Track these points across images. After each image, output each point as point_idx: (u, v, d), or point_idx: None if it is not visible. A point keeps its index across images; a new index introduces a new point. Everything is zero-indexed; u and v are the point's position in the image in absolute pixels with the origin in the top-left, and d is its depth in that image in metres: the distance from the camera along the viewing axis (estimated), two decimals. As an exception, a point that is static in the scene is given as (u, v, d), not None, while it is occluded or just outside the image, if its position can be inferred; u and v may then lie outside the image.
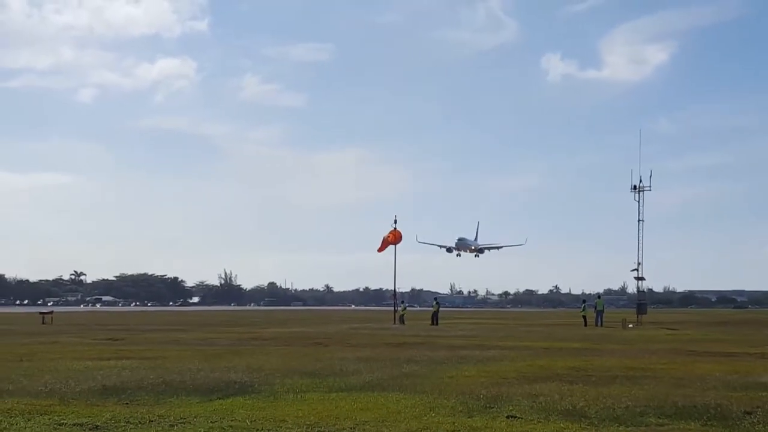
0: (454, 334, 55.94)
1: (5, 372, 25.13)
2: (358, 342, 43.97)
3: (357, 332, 57.71)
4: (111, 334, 51.97)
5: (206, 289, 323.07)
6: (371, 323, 78.25)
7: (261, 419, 16.07)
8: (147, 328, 61.98)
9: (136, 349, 36.20)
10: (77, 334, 51.99)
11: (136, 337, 48.46)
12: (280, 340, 45.22)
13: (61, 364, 28.14)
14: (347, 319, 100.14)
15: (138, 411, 17.08)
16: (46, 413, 16.74)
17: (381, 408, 17.73)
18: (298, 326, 70.32)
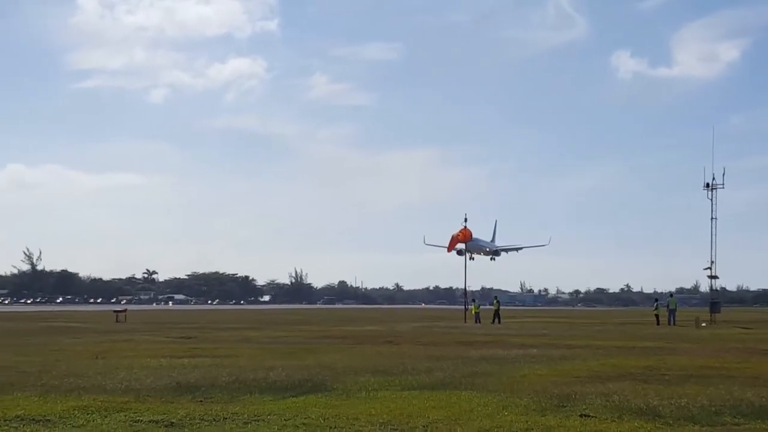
0: (524, 332, 55.68)
1: (81, 369, 25.43)
2: (429, 340, 43.96)
3: (428, 331, 57.68)
4: (184, 332, 52.40)
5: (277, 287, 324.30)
6: (442, 322, 78.19)
7: (334, 417, 16.12)
8: (219, 327, 62.37)
9: (209, 347, 36.48)
10: (150, 332, 52.46)
11: (209, 335, 48.80)
12: (351, 339, 45.29)
13: (135, 361, 28.43)
14: (418, 317, 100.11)
15: (212, 408, 17.21)
16: (122, 410, 16.93)
17: (453, 406, 17.72)
18: (368, 324, 70.34)
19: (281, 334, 51.01)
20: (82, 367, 26.40)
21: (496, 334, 51.72)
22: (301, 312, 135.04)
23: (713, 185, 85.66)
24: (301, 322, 76.86)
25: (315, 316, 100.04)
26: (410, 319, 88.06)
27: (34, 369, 25.41)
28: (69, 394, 19.11)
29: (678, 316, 75.07)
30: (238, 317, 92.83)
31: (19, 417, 15.90)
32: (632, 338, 48.21)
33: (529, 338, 47.07)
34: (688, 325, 69.70)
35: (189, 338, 44.61)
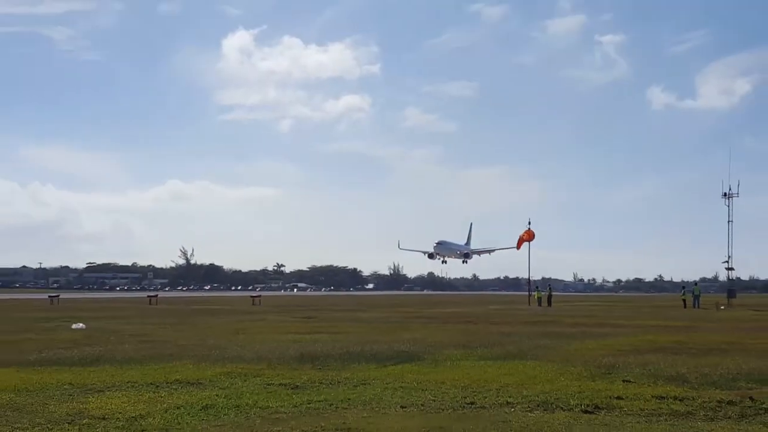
0: (576, 314, 55.10)
1: (225, 343, 25.75)
2: (500, 320, 43.72)
3: (499, 312, 57.38)
4: (305, 313, 52.75)
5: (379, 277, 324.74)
6: (510, 305, 77.69)
7: (425, 381, 16.12)
8: (333, 309, 62.69)
9: (326, 325, 36.68)
10: (279, 313, 52.90)
11: (325, 315, 49.06)
12: (439, 319, 45.23)
13: (268, 336, 28.69)
14: (491, 301, 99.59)
15: (328, 374, 17.31)
16: (257, 375, 17.10)
17: (520, 373, 17.61)
18: (451, 307, 70.20)
19: (382, 314, 51.10)
20: (226, 341, 26.72)
21: (553, 315, 51.29)
22: (398, 297, 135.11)
23: (730, 194, 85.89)
24: (398, 305, 76.90)
25: (409, 301, 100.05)
26: (485, 303, 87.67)
27: (189, 343, 25.78)
28: (216, 363, 19.35)
29: (701, 301, 73.87)
30: (347, 301, 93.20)
31: (178, 380, 16.15)
32: (664, 319, 47.46)
33: (580, 318, 46.61)
34: (709, 308, 68.41)
35: (310, 318, 44.88)
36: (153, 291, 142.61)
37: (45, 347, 23.95)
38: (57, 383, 15.66)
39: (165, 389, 15.03)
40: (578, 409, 13.08)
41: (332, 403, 13.54)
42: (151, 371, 17.68)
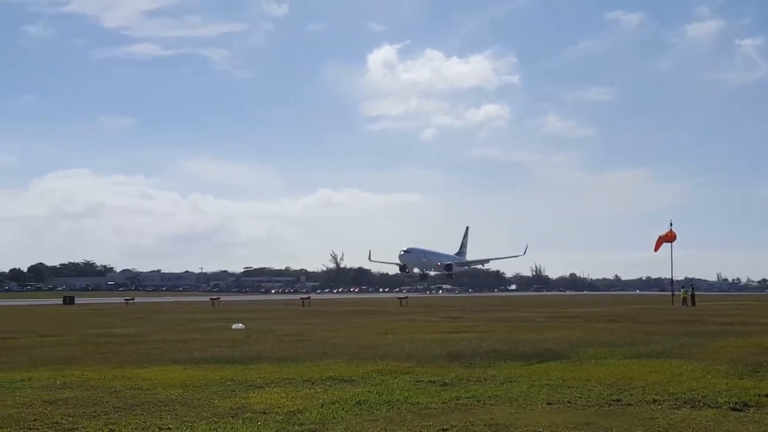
0: (721, 313, 53.30)
1: (376, 342, 26.01)
2: (643, 319, 42.73)
3: (642, 312, 56.05)
4: (450, 313, 52.76)
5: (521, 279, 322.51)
6: (653, 305, 75.78)
7: (570, 379, 15.90)
8: (477, 309, 62.50)
9: (471, 325, 36.62)
10: (425, 313, 53.10)
11: (470, 315, 48.96)
12: (580, 318, 44.55)
13: (415, 336, 28.83)
14: (633, 301, 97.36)
15: (475, 372, 17.27)
16: (407, 373, 17.20)
17: (666, 371, 17.17)
18: (593, 307, 68.98)
19: (526, 314, 50.67)
20: (376, 340, 26.98)
21: (697, 314, 49.73)
22: (540, 298, 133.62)
23: None
24: (540, 305, 76.10)
25: (551, 301, 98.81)
26: (627, 303, 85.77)
27: (341, 342, 26.15)
28: (368, 361, 19.56)
29: None
30: (491, 302, 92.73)
31: (332, 377, 16.40)
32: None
33: (725, 317, 45.07)
34: None
35: (455, 318, 44.88)
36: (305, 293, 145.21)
37: (209, 346, 24.74)
38: (220, 379, 16.14)
39: (320, 386, 15.29)
40: (726, 406, 12.66)
41: (480, 399, 13.51)
42: (307, 369, 18.01)
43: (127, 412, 12.35)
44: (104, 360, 20.61)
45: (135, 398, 13.76)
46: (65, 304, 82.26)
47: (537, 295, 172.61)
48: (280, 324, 38.87)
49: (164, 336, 29.97)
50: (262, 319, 43.92)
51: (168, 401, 13.40)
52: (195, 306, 74.46)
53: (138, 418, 11.91)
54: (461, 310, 61.57)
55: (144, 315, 51.76)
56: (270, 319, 45.14)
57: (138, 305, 74.27)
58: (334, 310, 61.81)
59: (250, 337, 28.57)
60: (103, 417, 12.00)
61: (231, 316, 45.04)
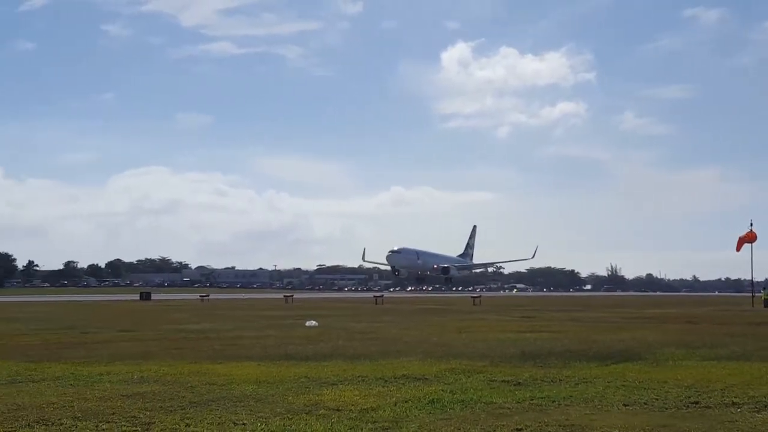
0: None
1: (449, 341, 26.00)
2: (722, 321, 41.95)
3: (721, 313, 54.99)
4: (524, 312, 52.46)
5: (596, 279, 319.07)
6: (732, 306, 74.29)
7: (647, 380, 15.69)
8: (551, 309, 62.01)
9: (545, 324, 36.36)
10: (499, 312, 52.89)
11: (544, 315, 48.61)
12: (657, 319, 43.88)
13: (489, 335, 28.73)
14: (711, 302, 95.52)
15: (550, 372, 17.16)
16: (480, 372, 17.17)
17: (746, 374, 16.86)
18: (671, 308, 67.87)
19: (601, 314, 50.12)
20: (450, 338, 26.97)
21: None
22: (616, 298, 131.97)
23: None
24: (616, 305, 75.13)
25: (627, 301, 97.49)
26: (705, 304, 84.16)
27: (414, 340, 26.20)
28: (441, 359, 19.56)
29: None
30: (565, 302, 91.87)
31: (405, 376, 16.45)
32: None
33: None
34: None
35: (529, 317, 44.60)
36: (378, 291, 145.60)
37: (282, 343, 25.00)
38: (294, 376, 16.30)
39: (393, 384, 15.34)
40: (810, 411, 12.38)
41: (554, 399, 13.42)
42: (380, 366, 18.08)
43: (203, 408, 12.55)
44: (180, 356, 20.96)
45: (210, 394, 13.98)
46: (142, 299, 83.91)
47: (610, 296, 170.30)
48: (353, 322, 39.08)
49: (239, 332, 30.36)
50: (335, 317, 44.20)
51: (243, 397, 13.59)
52: (269, 303, 75.26)
53: (213, 413, 12.10)
54: (535, 309, 61.16)
55: (219, 311, 52.49)
56: (343, 316, 45.40)
57: (213, 302, 75.31)
58: (407, 309, 61.90)
59: (323, 335, 28.77)
60: (179, 412, 12.22)
61: (304, 314, 45.40)
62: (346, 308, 61.81)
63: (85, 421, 11.48)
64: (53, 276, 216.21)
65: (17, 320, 39.16)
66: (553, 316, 47.78)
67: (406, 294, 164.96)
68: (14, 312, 49.41)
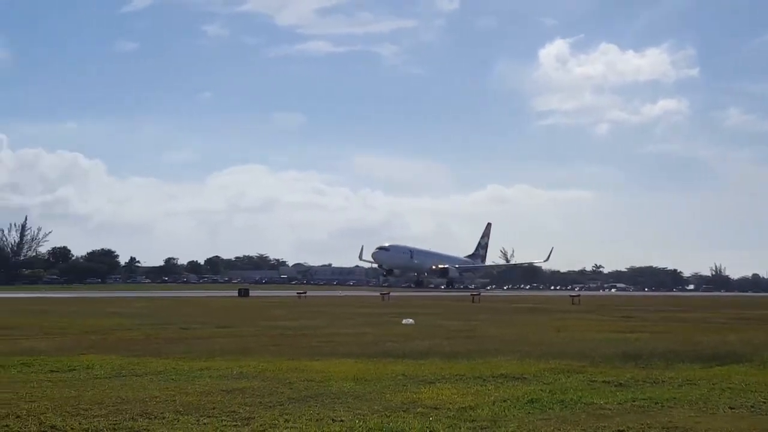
0: None
1: (547, 339, 25.81)
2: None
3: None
4: (624, 312, 51.63)
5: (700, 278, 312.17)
6: None
7: (754, 383, 15.32)
8: (653, 309, 60.92)
9: (646, 324, 35.77)
10: (597, 312, 52.18)
11: (645, 315, 47.76)
12: (763, 320, 42.76)
13: (588, 335, 28.41)
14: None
15: (652, 373, 16.89)
16: (580, 372, 17.00)
17: None
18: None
19: (704, 315, 48.99)
20: (548, 338, 26.77)
21: None
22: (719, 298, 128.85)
23: None
24: (719, 306, 73.30)
25: (731, 302, 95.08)
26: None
27: (511, 339, 26.05)
28: (540, 359, 19.41)
29: None
30: (667, 302, 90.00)
31: (503, 375, 16.38)
32: None
33: None
34: None
35: (629, 317, 43.88)
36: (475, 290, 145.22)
37: (379, 340, 25.16)
38: (392, 374, 16.37)
39: (491, 383, 15.29)
40: None
41: (657, 401, 13.21)
42: (478, 365, 18.04)
43: (302, 404, 12.72)
44: (278, 352, 21.26)
45: (309, 390, 14.15)
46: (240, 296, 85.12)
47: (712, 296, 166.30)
48: (450, 320, 39.05)
49: (336, 329, 30.63)
50: (431, 315, 44.21)
51: (341, 394, 13.71)
52: (365, 300, 75.68)
53: (312, 409, 12.24)
54: (635, 309, 60.15)
55: (315, 308, 53.01)
56: (439, 314, 45.38)
57: (309, 298, 76.06)
58: (503, 307, 61.55)
59: (420, 333, 28.84)
60: (278, 407, 12.40)
61: (400, 311, 45.53)
62: (443, 306, 61.78)
63: (186, 415, 11.74)
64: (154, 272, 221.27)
65: (120, 315, 40.23)
66: (654, 316, 46.92)
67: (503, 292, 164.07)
68: (117, 307, 50.75)
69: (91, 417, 11.52)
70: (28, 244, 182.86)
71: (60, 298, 70.67)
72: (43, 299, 67.60)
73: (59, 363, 18.20)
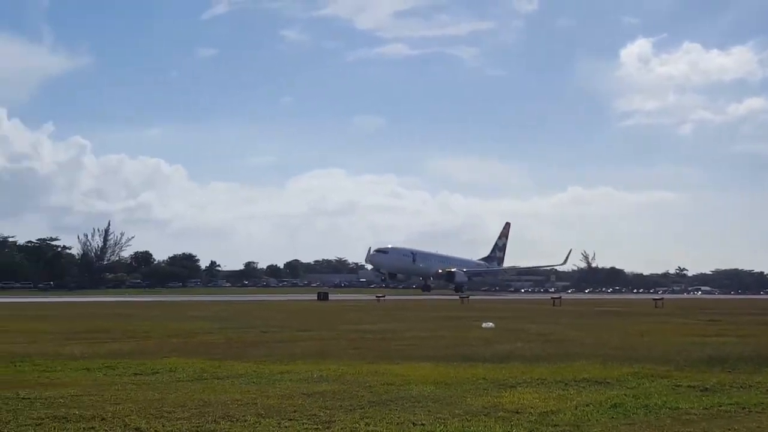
0: None
1: (630, 344, 25.47)
2: None
3: None
4: (710, 316, 50.57)
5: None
6: None
7: None
8: (740, 312, 59.65)
9: (733, 328, 35.02)
10: (682, 316, 51.25)
11: (732, 318, 46.74)
12: None
13: (672, 339, 27.96)
14: None
15: (739, 378, 16.55)
16: (664, 377, 16.74)
17: None
18: None
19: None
20: (630, 341, 26.43)
21: None
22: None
23: None
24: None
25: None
26: None
27: (593, 343, 25.78)
28: (623, 363, 19.15)
29: None
30: (754, 305, 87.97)
31: (585, 379, 16.22)
32: None
33: None
34: None
35: (715, 321, 43.00)
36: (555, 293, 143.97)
37: (459, 344, 25.13)
38: (472, 377, 16.34)
39: (573, 387, 15.16)
40: None
41: (744, 407, 12.95)
42: (559, 369, 17.90)
43: (382, 407, 12.77)
44: (358, 355, 21.38)
45: (388, 393, 14.21)
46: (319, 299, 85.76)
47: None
48: (530, 323, 38.79)
49: (415, 333, 30.67)
50: (511, 318, 43.97)
51: (421, 398, 13.74)
52: (444, 304, 75.59)
53: (392, 413, 12.29)
54: (721, 312, 58.93)
55: (395, 312, 53.14)
56: (519, 318, 45.12)
57: (388, 302, 76.29)
58: (585, 311, 60.93)
59: (500, 336, 28.70)
60: (358, 411, 12.48)
61: (480, 315, 45.38)
62: (523, 309, 61.43)
63: (268, 418, 11.88)
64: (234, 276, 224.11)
65: (202, 319, 40.88)
66: (741, 319, 45.90)
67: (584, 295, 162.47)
68: (198, 311, 51.58)
69: (174, 419, 11.74)
70: (111, 249, 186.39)
71: (143, 302, 72.16)
72: (127, 303, 69.07)
73: (142, 366, 18.59)
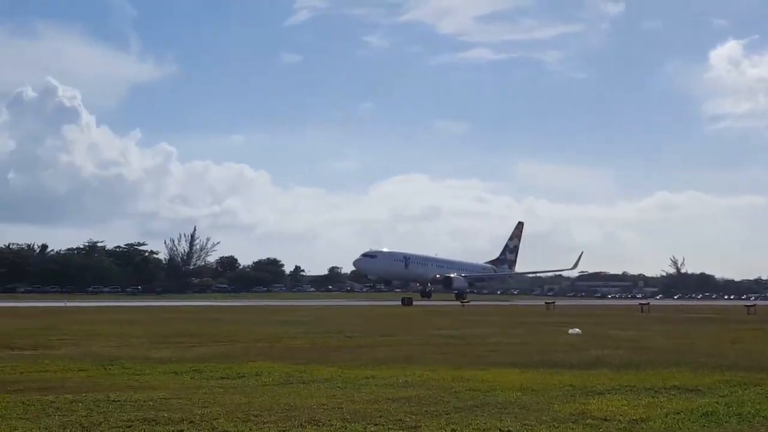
0: None
1: (721, 350, 25.00)
2: None
3: None
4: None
5: None
6: None
7: None
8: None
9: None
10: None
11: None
12: None
13: (765, 346, 27.37)
14: None
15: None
16: (758, 385, 16.39)
17: None
18: None
19: None
20: (721, 348, 25.91)
21: None
22: None
23: None
24: None
25: None
26: None
27: (683, 350, 25.36)
28: (714, 370, 18.79)
29: None
30: None
31: (675, 386, 15.97)
32: None
33: None
34: None
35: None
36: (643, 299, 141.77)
37: (546, 350, 24.92)
38: (559, 384, 16.20)
39: (663, 394, 14.93)
40: None
41: (844, 417, 12.58)
42: (648, 376, 17.63)
43: (468, 413, 12.74)
44: (443, 360, 21.36)
45: (474, 399, 14.17)
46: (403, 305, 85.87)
47: None
48: (618, 330, 38.24)
49: (500, 338, 30.50)
50: (598, 324, 43.39)
51: (507, 404, 13.67)
52: (529, 309, 75.06)
53: (478, 419, 12.25)
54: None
55: (479, 317, 52.92)
56: (607, 324, 44.49)
57: (473, 307, 76.01)
58: (674, 317, 59.82)
59: (587, 343, 28.37)
60: (444, 416, 12.47)
61: (566, 321, 44.90)
62: (610, 315, 60.57)
63: (354, 423, 11.95)
64: (318, 281, 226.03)
65: (287, 323, 41.26)
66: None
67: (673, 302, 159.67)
68: (283, 316, 52.11)
69: (261, 423, 11.89)
70: (197, 254, 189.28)
71: (228, 307, 73.17)
72: (213, 307, 70.11)
73: (229, 370, 18.88)
